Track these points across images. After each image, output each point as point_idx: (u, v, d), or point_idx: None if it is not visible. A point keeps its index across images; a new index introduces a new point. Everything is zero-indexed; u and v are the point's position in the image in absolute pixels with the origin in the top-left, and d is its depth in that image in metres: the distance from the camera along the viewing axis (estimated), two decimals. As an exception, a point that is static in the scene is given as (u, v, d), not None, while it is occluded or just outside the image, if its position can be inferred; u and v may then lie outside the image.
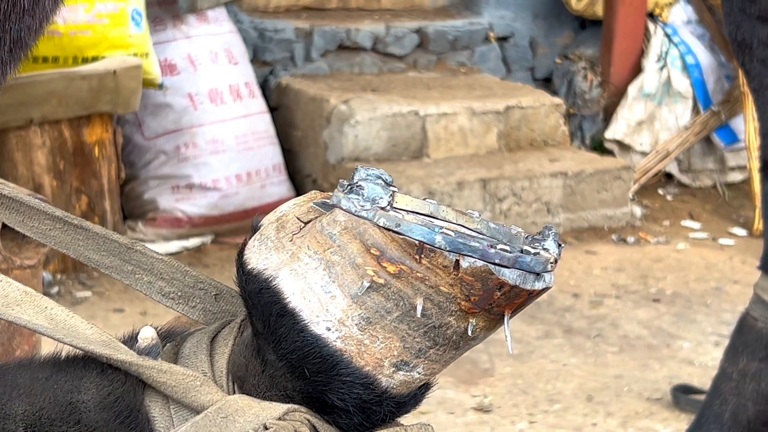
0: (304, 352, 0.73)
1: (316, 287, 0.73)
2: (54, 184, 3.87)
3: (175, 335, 0.82)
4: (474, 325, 0.74)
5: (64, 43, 3.93)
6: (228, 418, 0.74)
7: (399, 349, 0.73)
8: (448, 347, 0.74)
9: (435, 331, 0.73)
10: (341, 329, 0.73)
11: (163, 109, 4.29)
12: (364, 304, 0.72)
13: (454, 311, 0.72)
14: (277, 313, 0.74)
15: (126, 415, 0.76)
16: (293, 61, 5.03)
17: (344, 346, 0.73)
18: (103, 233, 0.85)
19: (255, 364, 0.76)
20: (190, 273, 0.85)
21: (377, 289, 0.72)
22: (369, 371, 0.73)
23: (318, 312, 0.73)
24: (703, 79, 5.38)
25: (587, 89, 5.50)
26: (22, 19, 0.60)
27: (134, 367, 0.76)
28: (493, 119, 4.79)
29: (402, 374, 0.74)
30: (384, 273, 0.72)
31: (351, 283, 0.72)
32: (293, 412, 0.75)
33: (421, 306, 0.72)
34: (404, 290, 0.72)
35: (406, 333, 0.73)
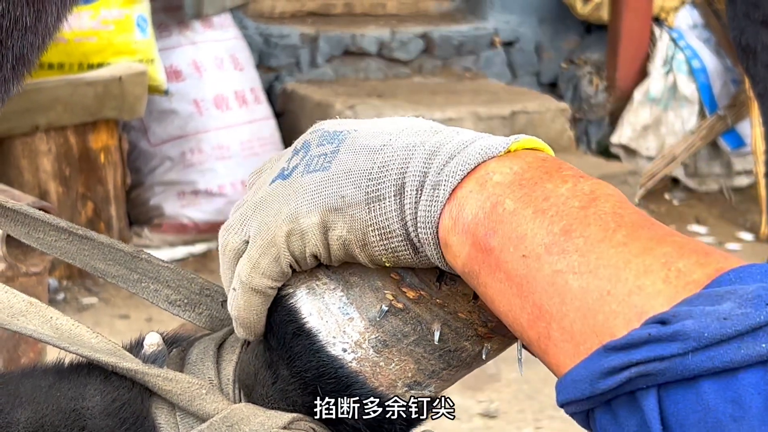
0: (319, 371, 0.73)
1: (334, 308, 0.73)
2: (60, 190, 3.88)
3: (181, 341, 0.82)
4: (488, 349, 0.74)
5: (70, 50, 3.94)
6: (233, 427, 0.74)
7: (413, 371, 0.73)
8: (461, 368, 0.75)
9: (450, 354, 0.73)
10: (357, 351, 0.73)
11: (169, 115, 4.30)
12: (382, 328, 0.72)
13: (471, 336, 0.73)
14: (293, 332, 0.74)
15: (132, 421, 0.76)
16: (298, 66, 5.04)
17: (360, 368, 0.73)
18: (109, 242, 0.86)
19: (265, 376, 0.76)
20: (196, 280, 0.85)
21: (396, 313, 0.72)
22: (382, 391, 0.73)
23: (335, 333, 0.73)
24: (709, 83, 5.38)
25: (593, 94, 5.49)
26: (25, 36, 0.60)
27: (140, 375, 0.76)
28: (498, 124, 4.79)
29: (413, 393, 0.74)
30: (403, 298, 0.71)
31: (369, 306, 0.72)
32: (298, 422, 0.74)
33: (438, 332, 0.72)
34: (422, 315, 0.72)
35: (421, 356, 0.73)
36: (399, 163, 0.68)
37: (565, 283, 0.60)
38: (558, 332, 0.60)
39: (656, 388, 0.55)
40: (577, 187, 0.63)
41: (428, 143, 0.69)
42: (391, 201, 0.68)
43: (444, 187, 0.66)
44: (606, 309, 0.58)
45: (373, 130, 0.72)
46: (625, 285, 0.58)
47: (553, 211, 0.62)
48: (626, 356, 0.55)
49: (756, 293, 0.54)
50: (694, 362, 0.53)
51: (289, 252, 0.71)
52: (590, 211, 0.62)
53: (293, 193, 0.71)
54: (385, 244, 0.69)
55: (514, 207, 0.64)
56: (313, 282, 0.74)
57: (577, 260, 0.60)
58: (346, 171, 0.70)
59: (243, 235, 0.74)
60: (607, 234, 0.60)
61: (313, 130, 0.75)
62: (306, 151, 0.73)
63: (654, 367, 0.54)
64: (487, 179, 0.66)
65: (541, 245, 0.62)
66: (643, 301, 0.57)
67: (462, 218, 0.65)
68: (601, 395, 0.56)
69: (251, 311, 0.74)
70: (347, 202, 0.69)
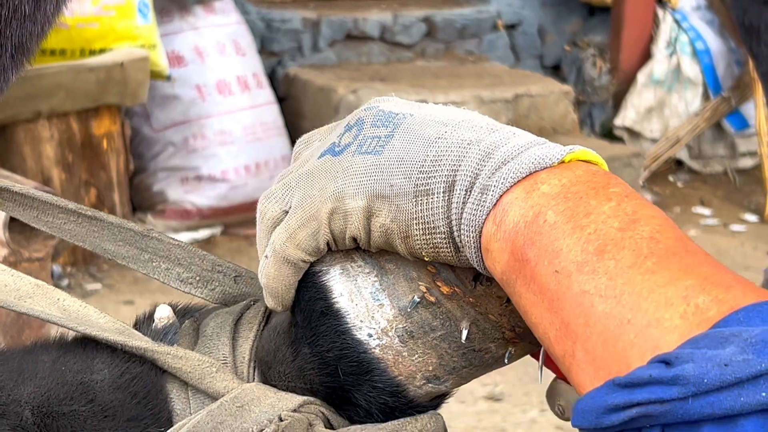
0: (341, 353, 0.73)
1: (366, 292, 0.72)
2: (63, 176, 3.87)
3: (193, 311, 0.82)
4: (511, 353, 0.74)
5: (72, 36, 3.93)
6: (244, 408, 0.73)
7: (435, 365, 0.73)
8: (481, 368, 0.74)
9: (474, 354, 0.73)
10: (383, 338, 0.72)
11: (171, 101, 4.29)
12: (411, 318, 0.71)
13: (497, 338, 0.72)
14: (321, 311, 0.73)
15: (143, 395, 0.76)
16: (301, 51, 5.03)
17: (382, 355, 0.72)
18: (118, 223, 0.85)
19: (286, 353, 0.75)
20: (207, 257, 0.84)
21: (427, 306, 0.71)
22: (401, 381, 0.73)
23: (363, 317, 0.72)
24: (713, 64, 5.36)
25: (596, 76, 5.48)
26: (24, 24, 0.60)
27: (149, 353, 0.76)
28: (501, 107, 4.78)
29: (430, 386, 0.74)
30: (436, 291, 0.71)
31: (401, 295, 0.71)
32: (309, 405, 0.74)
33: (466, 330, 0.71)
34: (453, 312, 0.71)
35: (445, 351, 0.72)
36: (452, 159, 0.68)
37: (591, 305, 0.60)
38: (582, 353, 0.60)
39: (661, 428, 0.55)
40: (620, 207, 0.63)
41: (484, 142, 0.68)
42: (440, 197, 0.68)
43: (492, 193, 0.66)
44: (624, 338, 0.58)
45: (430, 118, 0.71)
46: (644, 316, 0.58)
47: (592, 228, 0.62)
48: (629, 395, 0.55)
49: (760, 338, 0.54)
50: (694, 407, 0.53)
51: (329, 229, 0.71)
52: (627, 234, 0.62)
53: (342, 171, 0.71)
54: (427, 239, 0.68)
55: (555, 220, 0.63)
56: (348, 263, 0.73)
57: (604, 283, 0.60)
58: (398, 159, 0.69)
59: (284, 204, 0.73)
60: (638, 260, 0.60)
61: (369, 107, 0.74)
62: (360, 129, 0.72)
63: (655, 409, 0.54)
64: (534, 189, 0.65)
65: (573, 263, 0.62)
66: (659, 335, 0.57)
67: (504, 225, 0.65)
68: (607, 430, 0.56)
69: (280, 281, 0.74)
70: (395, 191, 0.69)
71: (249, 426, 0.72)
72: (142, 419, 0.75)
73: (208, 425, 0.72)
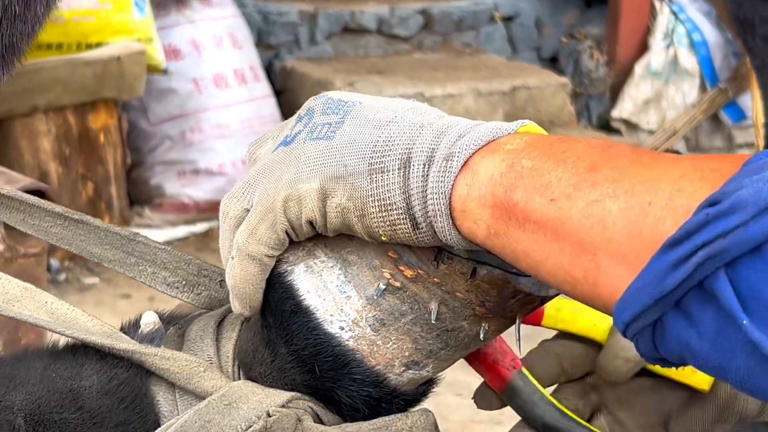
0: (316, 349, 0.73)
1: (332, 286, 0.73)
2: (60, 170, 3.88)
3: (178, 319, 0.82)
4: (486, 329, 0.74)
5: (68, 30, 3.93)
6: (231, 405, 0.74)
7: (411, 350, 0.73)
8: (459, 348, 0.75)
9: (448, 334, 0.73)
10: (355, 329, 0.73)
11: (168, 95, 4.29)
12: (379, 306, 0.72)
13: (468, 316, 0.72)
14: (290, 310, 0.74)
15: (130, 400, 0.76)
16: (298, 44, 5.02)
17: (357, 346, 0.73)
18: (104, 227, 0.85)
19: (264, 354, 0.76)
20: (193, 261, 0.85)
21: (393, 292, 0.72)
22: (380, 370, 0.73)
23: (332, 311, 0.73)
24: (710, 56, 5.36)
25: (594, 68, 5.48)
26: (14, 24, 0.60)
27: (137, 355, 0.76)
28: (499, 100, 4.78)
29: (411, 373, 0.74)
30: (401, 276, 0.71)
31: (367, 285, 0.72)
32: (297, 400, 0.75)
33: (436, 311, 0.72)
34: (420, 294, 0.71)
35: (419, 335, 0.73)
36: (406, 139, 0.68)
37: (603, 209, 0.60)
38: (607, 259, 0.60)
39: (724, 270, 0.55)
40: (591, 142, 0.64)
41: (436, 124, 0.69)
42: (395, 174, 0.68)
43: (458, 158, 0.66)
44: (651, 219, 0.58)
45: (379, 105, 0.72)
46: (664, 192, 0.58)
47: (572, 159, 0.63)
48: (690, 243, 0.55)
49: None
50: (755, 230, 0.53)
51: (285, 218, 0.71)
52: (611, 152, 0.62)
53: (294, 159, 0.71)
54: (384, 216, 0.68)
55: (532, 164, 0.64)
56: (311, 260, 0.73)
57: (610, 186, 0.60)
58: (351, 142, 0.70)
59: (245, 202, 0.74)
60: (634, 161, 0.61)
61: (318, 97, 0.75)
62: (310, 118, 0.73)
63: (719, 245, 0.54)
64: (500, 148, 0.66)
65: (569, 185, 0.62)
66: (686, 201, 0.57)
67: (478, 182, 0.65)
68: (670, 294, 0.56)
69: (247, 281, 0.74)
70: (349, 171, 0.69)
71: (237, 423, 0.73)
72: (130, 423, 0.76)
73: (196, 424, 0.73)
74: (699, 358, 0.56)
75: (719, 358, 0.55)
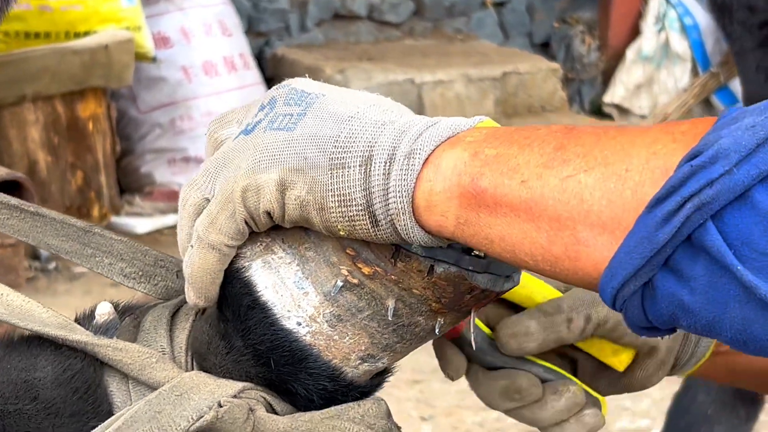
0: (273, 344, 0.73)
1: (289, 282, 0.73)
2: (49, 159, 3.88)
3: (134, 309, 0.82)
4: (441, 323, 0.74)
5: (56, 19, 3.92)
6: (183, 396, 0.74)
7: (367, 344, 0.74)
8: (414, 341, 0.75)
9: (404, 329, 0.73)
10: (312, 325, 0.73)
11: (158, 83, 4.28)
12: (337, 302, 0.72)
13: (425, 311, 0.73)
14: (248, 305, 0.74)
15: (84, 390, 0.76)
16: (288, 31, 5.02)
17: (314, 341, 0.73)
18: (61, 218, 0.85)
19: (219, 346, 0.76)
20: (150, 252, 0.85)
21: (350, 288, 0.72)
22: (336, 364, 0.74)
23: (290, 307, 0.73)
24: (702, 40, 5.35)
25: (585, 53, 5.47)
26: None
27: (89, 346, 0.76)
28: (489, 86, 4.78)
29: (367, 366, 0.75)
30: (358, 273, 0.71)
31: (324, 281, 0.72)
32: (249, 390, 0.75)
33: (392, 307, 0.72)
34: (377, 291, 0.72)
35: (375, 330, 0.73)
36: (368, 136, 0.68)
37: (578, 182, 0.60)
38: (587, 231, 0.60)
39: (711, 220, 0.55)
40: (552, 127, 0.64)
41: (397, 123, 0.69)
42: (356, 170, 0.68)
43: (419, 155, 0.66)
44: (630, 184, 0.58)
45: (342, 99, 0.71)
46: (639, 158, 0.58)
47: (538, 142, 0.63)
48: (677, 196, 0.55)
49: (762, 105, 0.56)
50: (741, 175, 0.54)
51: (244, 208, 0.71)
52: (575, 132, 0.62)
53: (253, 148, 0.71)
54: (343, 211, 0.68)
55: (496, 151, 0.64)
56: (269, 256, 0.73)
57: (582, 161, 0.60)
58: (312, 135, 0.70)
59: (206, 191, 0.73)
60: (600, 135, 0.61)
61: (281, 86, 0.74)
62: (271, 107, 0.73)
63: (706, 194, 0.54)
64: (461, 141, 0.66)
65: (538, 166, 0.62)
66: (663, 162, 0.57)
67: (442, 175, 0.65)
68: (661, 251, 0.56)
69: (205, 271, 0.74)
70: (309, 164, 0.69)
71: (188, 414, 0.73)
72: (84, 414, 0.76)
73: (146, 414, 0.73)
74: (692, 314, 0.57)
75: (713, 311, 0.56)
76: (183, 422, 0.73)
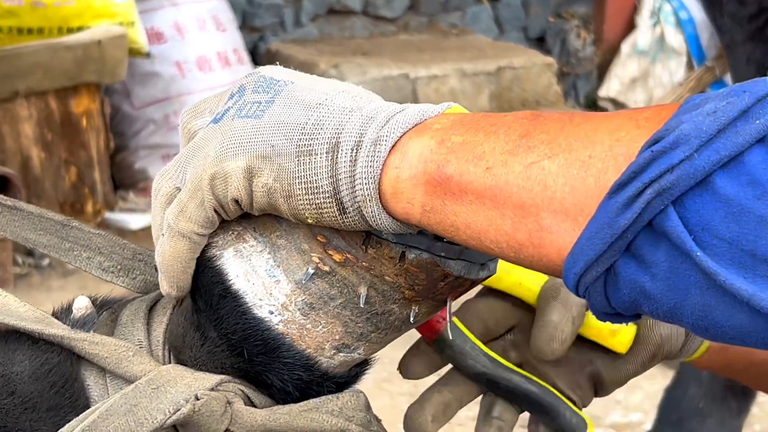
0: (245, 333, 0.73)
1: (261, 270, 0.73)
2: (42, 155, 3.87)
3: (112, 303, 0.82)
4: (416, 312, 0.74)
5: (49, 14, 3.91)
6: (159, 389, 0.74)
7: (341, 333, 0.73)
8: (390, 330, 0.75)
9: (378, 317, 0.73)
10: (284, 313, 0.72)
11: (152, 78, 4.28)
12: (308, 290, 0.72)
13: (398, 299, 0.72)
14: (219, 294, 0.74)
15: (61, 384, 0.76)
16: (283, 26, 5.01)
17: (286, 330, 0.73)
18: (38, 212, 0.85)
19: (194, 338, 0.76)
20: (128, 245, 0.85)
21: (322, 276, 0.72)
22: (310, 353, 0.73)
23: (261, 296, 0.73)
24: (697, 34, 5.35)
25: (581, 47, 5.47)
26: None
27: (66, 340, 0.76)
28: (484, 80, 4.77)
29: (342, 356, 0.74)
30: (329, 260, 0.71)
31: (296, 269, 0.72)
32: (227, 383, 0.75)
33: (365, 295, 0.72)
34: (349, 278, 0.71)
35: (348, 318, 0.73)
36: (335, 123, 0.68)
37: (542, 169, 0.60)
38: (551, 218, 0.60)
39: (672, 206, 0.55)
40: (518, 114, 0.64)
41: (365, 109, 0.69)
42: (323, 157, 0.68)
43: (386, 142, 0.66)
44: (593, 171, 0.58)
45: (311, 86, 0.71)
46: (602, 144, 0.58)
47: (503, 129, 0.63)
48: (637, 182, 0.55)
49: (728, 90, 0.56)
50: (702, 160, 0.54)
51: (212, 196, 0.71)
52: (540, 119, 0.62)
53: (221, 136, 0.71)
54: (310, 198, 0.68)
55: (462, 138, 0.64)
56: (240, 244, 0.73)
57: (546, 148, 0.60)
58: (279, 122, 0.70)
59: (177, 180, 0.73)
60: (565, 122, 0.61)
61: (251, 74, 0.74)
62: (240, 95, 0.73)
63: (666, 180, 0.54)
64: (427, 128, 0.66)
65: (503, 153, 0.62)
66: (626, 149, 0.57)
67: (408, 162, 0.65)
68: (622, 237, 0.56)
69: (176, 259, 0.74)
70: (276, 151, 0.69)
71: (165, 407, 0.73)
72: (61, 408, 0.76)
73: (122, 408, 0.73)
74: (654, 300, 0.56)
75: (674, 297, 0.56)
76: (160, 415, 0.72)
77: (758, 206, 0.53)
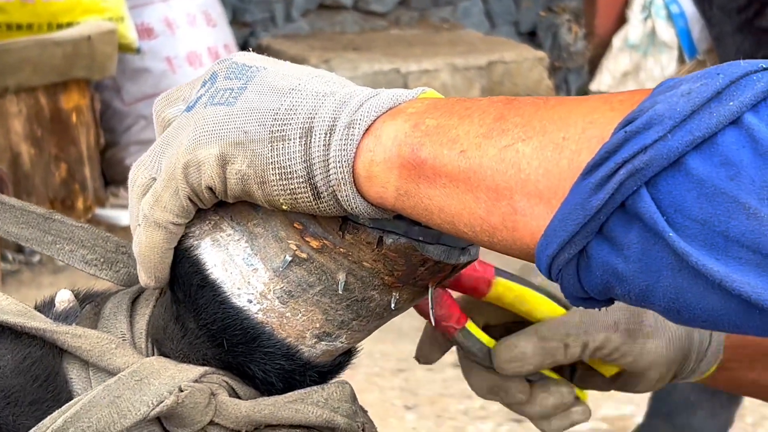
0: (224, 323, 0.73)
1: (238, 259, 0.72)
2: (32, 152, 3.86)
3: (95, 296, 0.82)
4: (397, 299, 0.73)
5: (38, 10, 3.90)
6: (142, 381, 0.73)
7: (321, 321, 0.73)
8: (372, 318, 0.74)
9: (358, 304, 0.73)
10: (263, 302, 0.72)
11: (142, 74, 4.27)
12: (287, 278, 0.72)
13: (378, 285, 0.72)
14: (197, 284, 0.73)
15: (44, 378, 0.76)
16: (273, 21, 5.00)
17: (266, 319, 0.72)
18: (20, 205, 0.85)
19: (174, 329, 0.76)
20: (111, 238, 0.85)
21: (300, 263, 0.71)
22: (291, 342, 0.73)
23: (240, 285, 0.72)
24: (688, 28, 5.35)
25: (572, 41, 5.47)
26: None
27: (48, 333, 0.76)
28: (475, 75, 4.77)
29: (324, 344, 0.74)
30: (307, 247, 0.71)
31: (273, 257, 0.72)
32: (211, 375, 0.74)
33: (343, 281, 0.71)
34: (327, 265, 0.71)
35: (328, 306, 0.72)
36: (308, 108, 0.68)
37: (516, 152, 0.59)
38: (524, 201, 0.59)
39: (645, 187, 0.54)
40: (492, 98, 0.64)
41: (338, 93, 0.68)
42: (296, 142, 0.67)
43: (359, 125, 0.66)
44: (567, 153, 0.58)
45: (283, 72, 0.71)
46: (576, 127, 0.58)
47: (478, 113, 0.62)
48: (611, 162, 0.55)
49: (703, 72, 0.56)
50: (675, 141, 0.54)
51: (186, 184, 0.70)
52: (515, 103, 0.62)
53: (194, 124, 0.70)
54: (284, 184, 0.68)
55: (437, 122, 0.63)
56: (218, 233, 0.73)
57: (520, 131, 0.60)
58: (252, 108, 0.69)
59: (153, 171, 0.73)
60: (540, 106, 0.61)
61: (222, 61, 0.73)
62: (212, 82, 0.72)
63: (639, 160, 0.54)
64: (401, 112, 0.66)
65: (477, 136, 0.61)
66: (599, 131, 0.57)
67: (382, 146, 0.65)
68: (594, 218, 0.55)
69: (153, 249, 0.73)
70: (250, 137, 0.68)
71: (149, 399, 0.72)
72: (44, 401, 0.75)
73: (105, 399, 0.72)
74: (626, 283, 0.56)
75: (647, 279, 0.55)
76: (143, 407, 0.72)
77: (731, 187, 0.53)
